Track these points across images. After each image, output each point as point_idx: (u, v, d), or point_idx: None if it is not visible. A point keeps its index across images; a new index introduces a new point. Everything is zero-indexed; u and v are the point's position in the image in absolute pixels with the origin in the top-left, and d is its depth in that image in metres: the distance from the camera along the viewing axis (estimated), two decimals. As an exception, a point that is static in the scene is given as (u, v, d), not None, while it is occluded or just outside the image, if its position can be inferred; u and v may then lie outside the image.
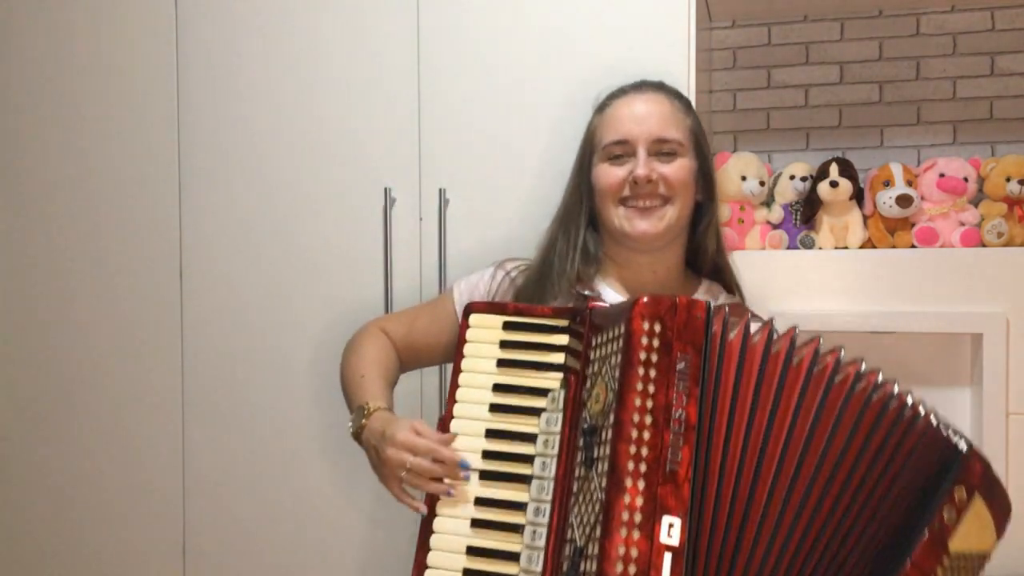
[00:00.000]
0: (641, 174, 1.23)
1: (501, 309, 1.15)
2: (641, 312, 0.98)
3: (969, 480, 0.97)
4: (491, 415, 1.08)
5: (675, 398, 0.95)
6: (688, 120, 1.31)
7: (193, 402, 1.74)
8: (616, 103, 1.31)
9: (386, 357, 1.32)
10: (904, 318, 1.77)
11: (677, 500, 0.92)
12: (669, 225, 1.25)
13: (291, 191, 1.69)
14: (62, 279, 1.81)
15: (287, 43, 1.69)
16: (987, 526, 0.99)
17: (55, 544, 1.82)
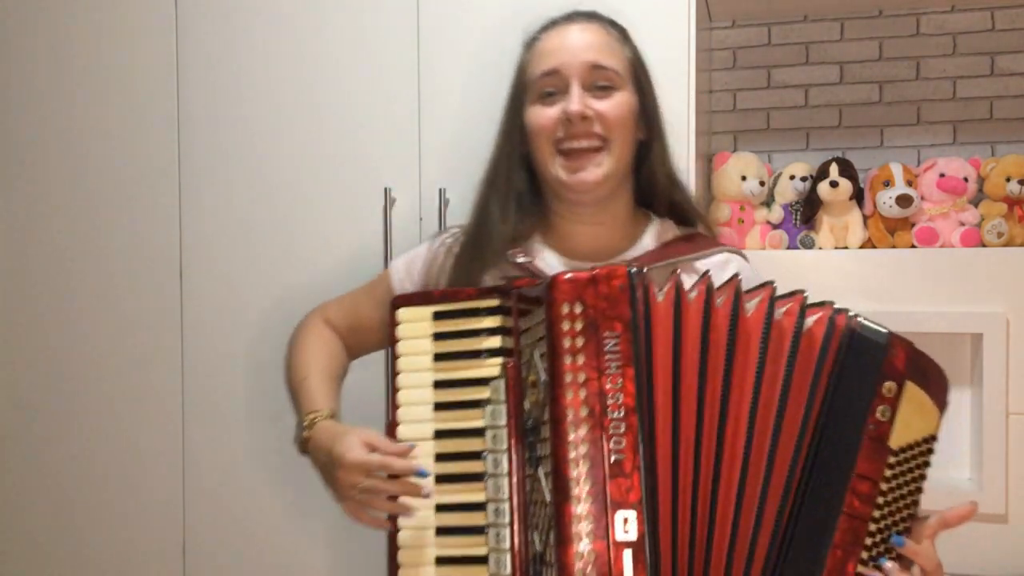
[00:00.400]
0: (574, 109, 1.11)
1: (427, 299, 1.09)
2: (558, 295, 0.91)
3: (895, 371, 0.93)
4: (437, 414, 1.04)
5: (609, 382, 0.90)
6: (626, 50, 1.19)
7: (193, 402, 1.74)
8: (546, 35, 1.20)
9: (329, 351, 1.25)
10: (904, 318, 1.77)
11: (628, 492, 0.88)
12: (608, 172, 1.13)
13: (291, 191, 1.69)
14: (62, 279, 1.81)
15: (287, 43, 1.69)
16: (925, 407, 0.95)
17: (55, 544, 1.82)
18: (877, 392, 0.92)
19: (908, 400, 0.93)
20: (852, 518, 0.90)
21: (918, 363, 0.95)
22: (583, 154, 1.13)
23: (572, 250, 1.21)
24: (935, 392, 0.96)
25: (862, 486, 0.91)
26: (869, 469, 0.91)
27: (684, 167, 1.53)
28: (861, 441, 0.91)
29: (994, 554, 1.74)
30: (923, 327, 1.77)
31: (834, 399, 0.92)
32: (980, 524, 1.74)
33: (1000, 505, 1.72)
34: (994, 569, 1.75)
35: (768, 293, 0.95)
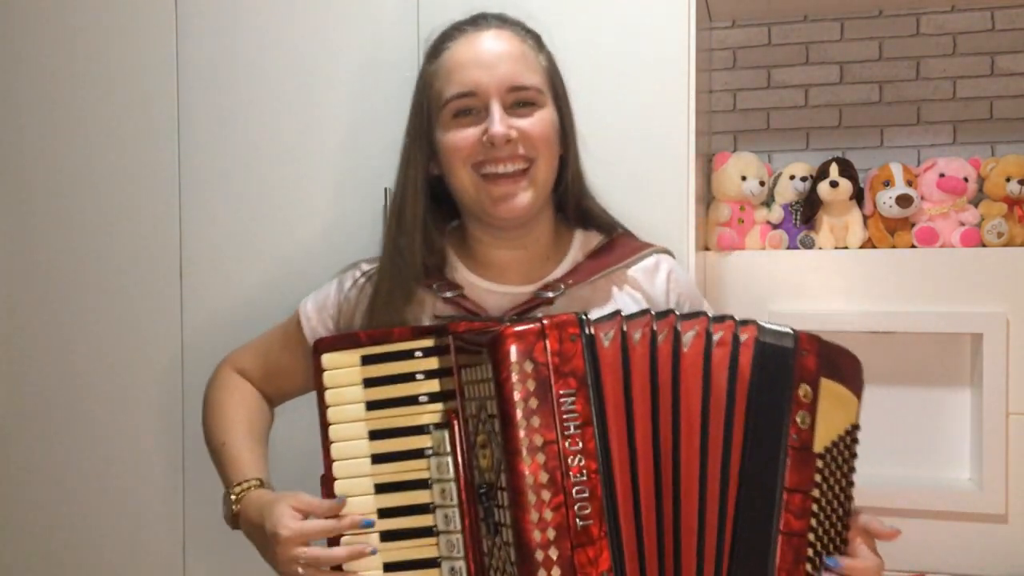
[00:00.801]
0: (498, 132, 1.00)
1: (353, 341, 1.00)
2: (506, 355, 0.84)
3: (808, 373, 0.88)
4: (375, 467, 0.97)
5: (569, 443, 0.83)
6: (541, 59, 1.09)
7: (193, 402, 1.74)
8: (454, 45, 1.07)
9: (248, 407, 1.17)
10: (904, 318, 1.77)
11: (598, 558, 0.82)
12: (536, 196, 1.05)
13: (291, 191, 1.69)
14: (62, 279, 1.81)
15: (287, 43, 1.69)
16: (843, 398, 0.91)
17: (55, 544, 1.82)
18: (794, 398, 0.87)
19: (825, 397, 0.89)
20: (791, 536, 0.86)
21: (829, 357, 0.90)
22: (508, 179, 1.04)
23: (498, 275, 1.13)
24: (850, 381, 0.92)
25: (794, 501, 0.86)
26: (799, 481, 0.87)
27: (684, 167, 1.54)
28: (786, 455, 0.87)
29: (994, 554, 1.75)
30: (923, 327, 1.77)
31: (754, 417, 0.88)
32: (980, 524, 1.74)
33: (1000, 505, 1.72)
34: (994, 569, 1.75)
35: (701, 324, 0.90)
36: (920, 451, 1.85)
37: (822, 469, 0.88)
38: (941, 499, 1.75)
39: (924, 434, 1.85)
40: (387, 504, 0.96)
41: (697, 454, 0.87)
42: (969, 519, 1.75)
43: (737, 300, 1.84)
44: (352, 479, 0.98)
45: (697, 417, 0.87)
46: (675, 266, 1.23)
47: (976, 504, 1.73)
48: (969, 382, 1.83)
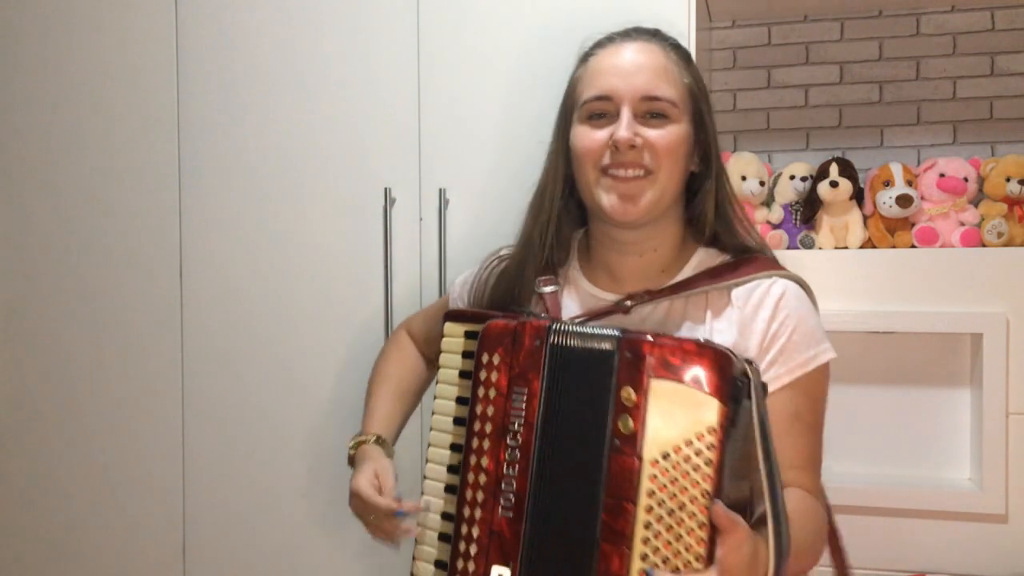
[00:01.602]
0: (623, 137, 1.04)
1: (463, 317, 1.10)
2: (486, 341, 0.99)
3: (631, 374, 0.85)
4: (455, 428, 1.06)
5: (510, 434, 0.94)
6: (686, 77, 1.11)
7: (193, 402, 1.74)
8: (601, 52, 1.13)
9: (403, 367, 1.31)
10: (904, 318, 1.77)
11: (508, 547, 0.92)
12: (652, 202, 1.07)
13: (291, 191, 1.69)
14: (62, 279, 1.81)
15: (287, 43, 1.69)
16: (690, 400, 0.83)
17: (55, 544, 1.82)
18: (616, 404, 0.85)
19: (660, 399, 0.84)
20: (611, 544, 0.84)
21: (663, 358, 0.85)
22: (628, 182, 1.07)
23: (610, 281, 1.17)
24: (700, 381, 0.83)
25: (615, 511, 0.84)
26: (621, 488, 0.84)
27: (684, 167, 1.54)
28: (608, 460, 0.85)
29: (994, 554, 1.75)
30: (923, 327, 1.77)
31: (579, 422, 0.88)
32: (980, 524, 1.74)
33: (1000, 505, 1.72)
34: (994, 569, 1.75)
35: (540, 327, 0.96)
36: (920, 451, 1.85)
37: (656, 476, 0.83)
38: (941, 499, 1.75)
39: (924, 434, 1.85)
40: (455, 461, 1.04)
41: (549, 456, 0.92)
42: (969, 519, 1.75)
43: (737, 300, 1.84)
44: (438, 432, 1.07)
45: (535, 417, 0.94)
46: (792, 294, 1.11)
47: (976, 504, 1.73)
48: (969, 382, 1.83)
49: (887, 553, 1.79)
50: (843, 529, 1.82)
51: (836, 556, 1.20)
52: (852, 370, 1.89)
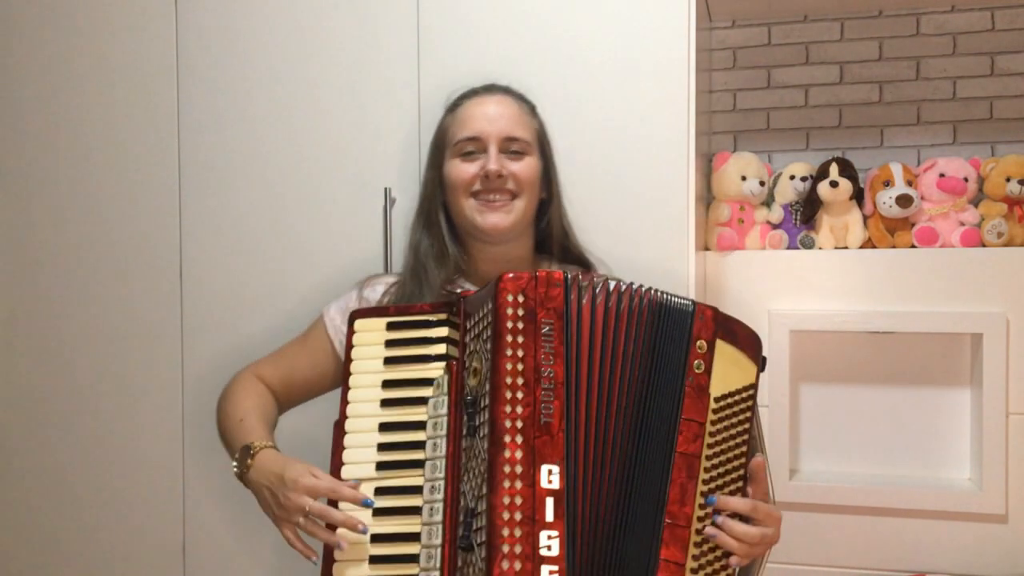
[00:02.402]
0: (492, 168, 1.29)
1: (383, 312, 1.22)
2: (505, 287, 1.07)
3: (704, 331, 1.09)
4: (382, 410, 1.15)
5: (543, 358, 1.05)
6: (534, 122, 1.38)
7: (193, 402, 1.74)
8: (468, 103, 1.36)
9: (263, 401, 1.34)
10: (904, 318, 1.77)
11: (553, 449, 1.02)
12: (517, 219, 1.31)
13: (291, 191, 1.69)
14: (62, 279, 1.81)
15: (287, 43, 1.69)
16: (740, 362, 1.10)
17: (55, 544, 1.82)
18: (691, 350, 1.09)
19: (721, 355, 1.09)
20: (685, 456, 1.06)
21: (726, 325, 1.11)
22: (496, 204, 1.30)
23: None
24: (746, 348, 1.11)
25: (689, 428, 1.06)
26: (694, 413, 1.07)
27: (684, 167, 1.54)
28: (683, 390, 1.07)
29: (994, 554, 1.75)
30: (923, 327, 1.77)
31: (658, 361, 1.09)
32: (980, 524, 1.75)
33: (1000, 505, 1.72)
34: (994, 569, 1.75)
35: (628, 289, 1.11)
36: (920, 451, 1.85)
37: (717, 411, 1.08)
38: (941, 499, 1.75)
39: (924, 434, 1.85)
40: (386, 440, 1.14)
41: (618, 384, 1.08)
42: (969, 519, 1.75)
43: (737, 300, 1.84)
44: (360, 418, 1.15)
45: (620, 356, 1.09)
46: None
47: (976, 504, 1.73)
48: (969, 382, 1.83)
49: (887, 553, 1.79)
50: (843, 529, 1.82)
51: None
52: (852, 370, 1.89)
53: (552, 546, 1.00)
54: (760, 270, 1.85)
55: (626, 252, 1.55)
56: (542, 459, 1.02)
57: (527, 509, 1.00)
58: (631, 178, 1.56)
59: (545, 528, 1.00)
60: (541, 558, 0.99)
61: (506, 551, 0.99)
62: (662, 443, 1.06)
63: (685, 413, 1.07)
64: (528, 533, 0.99)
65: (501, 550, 0.99)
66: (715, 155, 1.90)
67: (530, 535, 0.99)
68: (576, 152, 1.57)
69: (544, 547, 0.99)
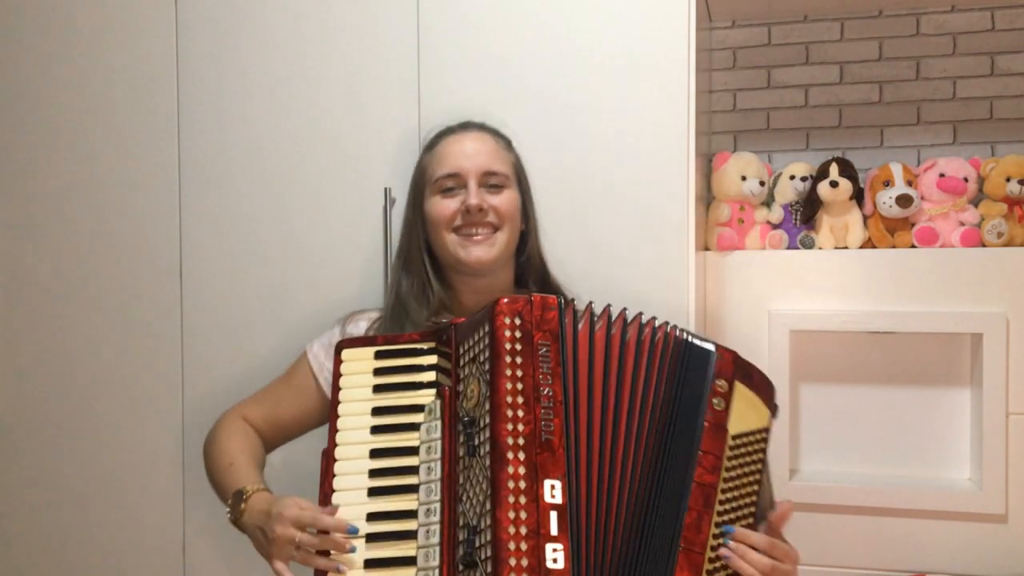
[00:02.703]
0: (474, 203, 1.30)
1: (370, 342, 1.23)
2: (502, 310, 1.10)
3: (724, 372, 1.13)
4: (373, 437, 1.16)
5: (541, 378, 1.08)
6: (511, 156, 1.39)
7: (193, 402, 1.74)
8: (445, 141, 1.38)
9: (251, 443, 1.35)
10: (904, 318, 1.77)
11: (555, 465, 1.04)
12: (500, 251, 1.33)
13: (291, 191, 1.69)
14: (62, 279, 1.81)
15: (287, 43, 1.69)
16: (756, 405, 1.14)
17: (55, 544, 1.82)
18: (712, 388, 1.12)
19: (739, 396, 1.13)
20: (702, 486, 1.08)
21: (744, 368, 1.15)
22: (478, 238, 1.32)
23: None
24: (762, 393, 1.15)
25: (707, 460, 1.09)
26: (711, 447, 1.10)
27: (684, 167, 1.54)
28: (703, 425, 1.10)
29: (994, 554, 1.75)
30: (923, 327, 1.77)
31: (680, 394, 1.13)
32: (980, 524, 1.75)
33: (1000, 505, 1.72)
34: (994, 569, 1.75)
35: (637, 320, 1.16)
36: (920, 451, 1.85)
37: (734, 448, 1.11)
38: (941, 499, 1.75)
39: (924, 434, 1.85)
40: (377, 466, 1.15)
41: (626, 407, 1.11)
42: (969, 519, 1.75)
43: (737, 300, 1.84)
44: (350, 445, 1.16)
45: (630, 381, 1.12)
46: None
47: (976, 504, 1.73)
48: (969, 382, 1.83)
49: (887, 553, 1.79)
50: (843, 529, 1.82)
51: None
52: (852, 370, 1.89)
53: (558, 559, 1.01)
54: (760, 270, 1.85)
55: (626, 252, 1.55)
56: (544, 474, 1.04)
57: (532, 523, 1.02)
58: (631, 178, 1.56)
59: (550, 541, 1.01)
60: (547, 570, 1.00)
61: (513, 564, 1.00)
62: (680, 471, 1.08)
63: (704, 446, 1.09)
64: (534, 546, 1.01)
65: (508, 563, 1.00)
66: (715, 155, 1.90)
67: (536, 548, 1.01)
68: (576, 152, 1.57)
69: (550, 560, 1.01)
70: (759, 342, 1.82)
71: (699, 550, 1.06)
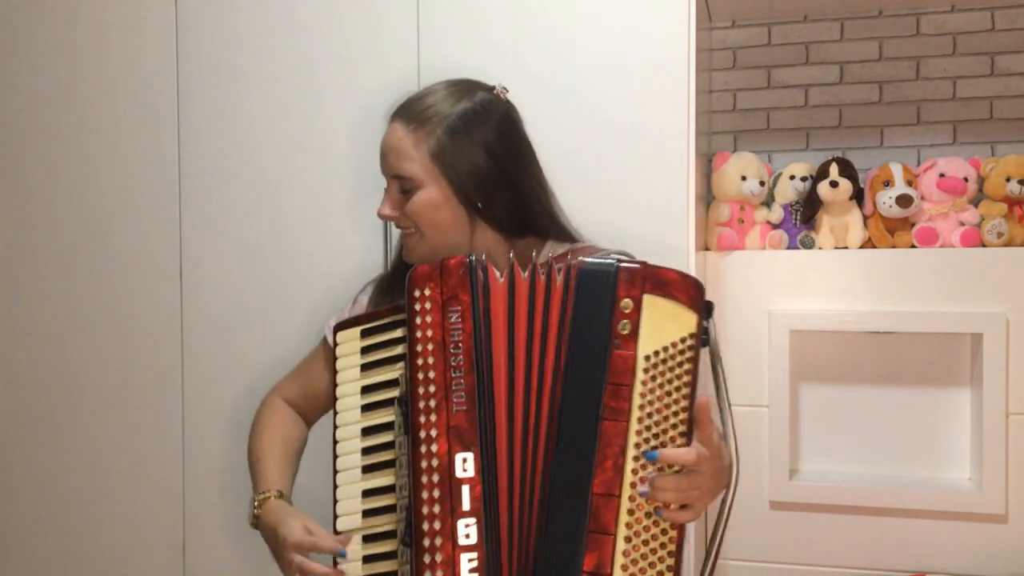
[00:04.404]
0: (381, 213, 1.28)
1: (357, 320, 1.24)
2: (413, 282, 1.10)
3: (630, 288, 1.06)
4: (363, 415, 1.18)
5: (452, 348, 1.07)
6: (425, 146, 1.26)
7: (193, 402, 1.74)
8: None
9: (286, 431, 1.38)
10: (904, 318, 1.77)
11: (467, 436, 1.05)
12: (430, 248, 1.28)
13: (291, 191, 1.69)
14: (62, 279, 1.81)
15: (287, 43, 1.69)
16: (676, 313, 1.06)
17: (55, 543, 1.82)
18: (615, 311, 1.06)
19: (651, 310, 1.06)
20: (612, 421, 1.04)
21: (656, 278, 1.07)
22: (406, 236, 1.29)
23: None
24: (682, 297, 1.06)
25: (616, 393, 1.04)
26: (619, 377, 1.04)
27: (684, 167, 1.54)
28: (608, 355, 1.05)
29: (994, 554, 1.75)
30: (923, 327, 1.77)
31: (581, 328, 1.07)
32: (980, 524, 1.74)
33: (1000, 505, 1.72)
34: (994, 569, 1.75)
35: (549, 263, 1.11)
36: (920, 451, 1.85)
37: (649, 369, 1.05)
38: (941, 499, 1.75)
39: (924, 434, 1.85)
40: (368, 444, 1.17)
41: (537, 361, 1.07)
42: (969, 519, 1.75)
43: (737, 300, 1.84)
44: (348, 426, 1.19)
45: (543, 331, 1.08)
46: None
47: (976, 504, 1.73)
48: (969, 382, 1.83)
49: (887, 553, 1.79)
50: (843, 529, 1.82)
51: None
52: (852, 370, 1.89)
53: (471, 534, 1.03)
54: (760, 270, 1.85)
55: (626, 252, 1.55)
56: (456, 448, 1.04)
57: (444, 500, 1.03)
58: (631, 178, 1.56)
59: (462, 516, 1.03)
60: (460, 547, 1.02)
61: (427, 545, 1.03)
62: (587, 413, 1.05)
63: (610, 377, 1.04)
64: (446, 524, 1.03)
65: (423, 544, 1.03)
66: (715, 155, 1.90)
67: (448, 525, 1.03)
68: (576, 152, 1.57)
69: (463, 535, 1.02)
70: (759, 342, 1.82)
71: (614, 492, 1.02)
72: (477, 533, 1.02)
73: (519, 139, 1.31)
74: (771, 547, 1.82)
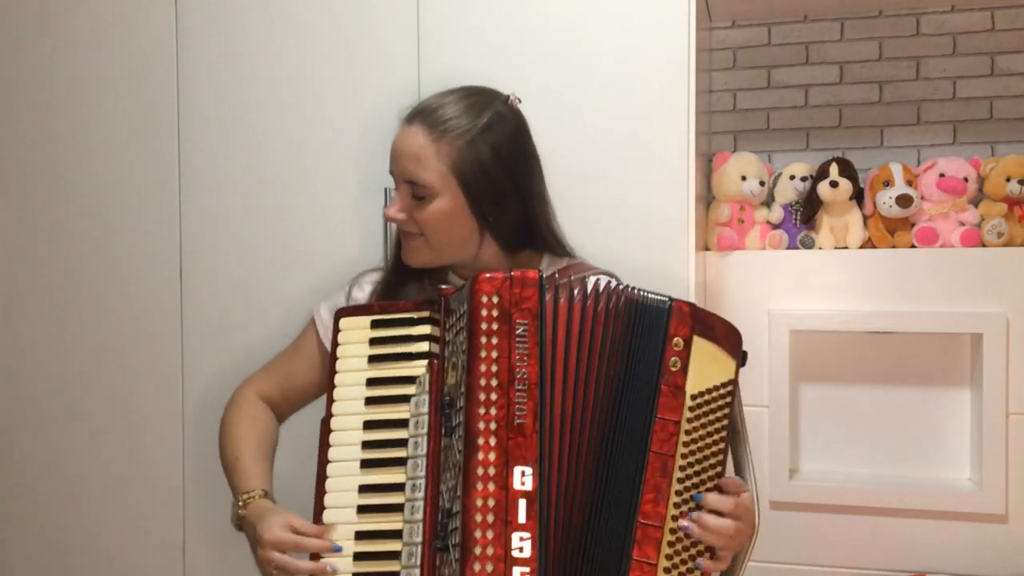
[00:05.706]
0: (385, 214, 1.27)
1: (367, 310, 1.23)
2: (480, 287, 1.08)
3: (681, 328, 1.09)
4: (367, 408, 1.17)
5: (517, 360, 1.07)
6: (447, 158, 1.23)
7: (193, 402, 1.74)
8: (399, 128, 1.29)
9: (259, 427, 1.35)
10: (904, 318, 1.77)
11: (527, 450, 1.04)
12: (434, 255, 1.27)
13: (291, 191, 1.69)
14: (62, 279, 1.81)
15: (287, 43, 1.69)
16: (718, 358, 1.10)
17: (55, 543, 1.82)
18: (667, 347, 1.09)
19: (698, 351, 1.09)
20: (659, 455, 1.07)
21: (704, 321, 1.11)
22: (408, 237, 1.28)
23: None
24: (725, 344, 1.11)
25: (664, 427, 1.07)
26: (668, 412, 1.08)
27: (684, 167, 1.54)
28: (659, 389, 1.08)
29: (994, 554, 1.75)
30: (923, 327, 1.77)
31: (633, 360, 1.10)
32: (980, 524, 1.75)
33: (1000, 505, 1.72)
34: (994, 569, 1.75)
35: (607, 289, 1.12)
36: (920, 451, 1.85)
37: (693, 408, 1.08)
38: (941, 499, 1.75)
39: (924, 434, 1.85)
40: (370, 438, 1.16)
41: (593, 384, 1.09)
42: (969, 519, 1.75)
43: (737, 300, 1.84)
44: (345, 416, 1.17)
45: (596, 356, 1.10)
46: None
47: (976, 504, 1.73)
48: (969, 382, 1.83)
49: (887, 553, 1.79)
50: (843, 529, 1.82)
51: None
52: (852, 370, 1.89)
53: (524, 547, 1.02)
54: (760, 270, 1.85)
55: (626, 252, 1.55)
56: (515, 461, 1.04)
57: (500, 511, 1.02)
58: (631, 178, 1.56)
59: (517, 530, 1.02)
60: (513, 559, 1.01)
61: (478, 553, 1.01)
62: (636, 443, 1.07)
63: (660, 412, 1.07)
64: (500, 535, 1.02)
65: (474, 552, 1.01)
66: (715, 155, 1.90)
67: (502, 537, 1.02)
68: (576, 152, 1.57)
69: (516, 548, 1.02)
70: (759, 342, 1.82)
71: (657, 523, 1.05)
72: (531, 547, 1.02)
73: (530, 151, 1.32)
74: (771, 547, 1.82)
